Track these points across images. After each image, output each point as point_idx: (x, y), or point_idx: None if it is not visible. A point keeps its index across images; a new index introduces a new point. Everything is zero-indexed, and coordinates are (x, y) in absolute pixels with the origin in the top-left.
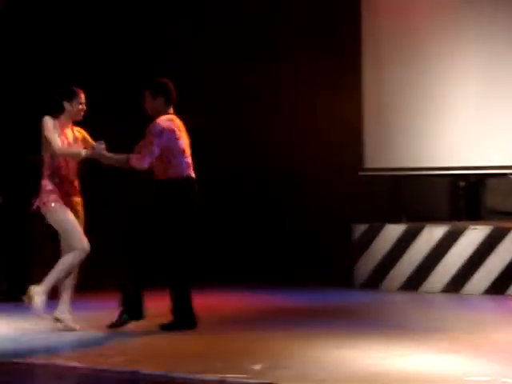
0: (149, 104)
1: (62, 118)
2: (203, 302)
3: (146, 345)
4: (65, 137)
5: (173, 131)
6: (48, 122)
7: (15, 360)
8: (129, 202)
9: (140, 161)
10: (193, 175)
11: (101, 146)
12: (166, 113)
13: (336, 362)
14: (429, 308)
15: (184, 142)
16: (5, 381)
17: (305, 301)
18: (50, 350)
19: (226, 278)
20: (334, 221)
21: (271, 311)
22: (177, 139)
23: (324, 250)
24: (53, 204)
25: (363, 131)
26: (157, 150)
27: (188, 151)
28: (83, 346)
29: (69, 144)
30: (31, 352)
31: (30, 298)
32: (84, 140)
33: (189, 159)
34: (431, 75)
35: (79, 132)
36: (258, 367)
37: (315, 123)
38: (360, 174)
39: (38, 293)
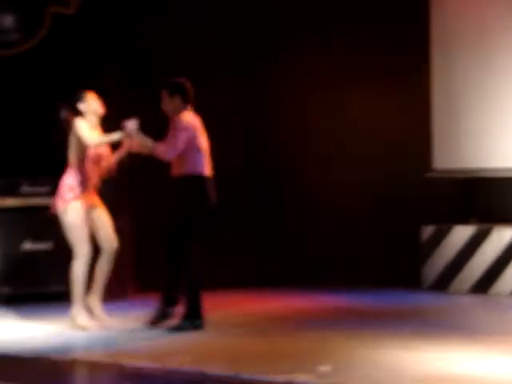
0: (166, 104)
1: (86, 120)
2: (268, 303)
3: (210, 345)
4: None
5: (194, 128)
6: (80, 122)
7: (81, 359)
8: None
9: (166, 152)
10: (207, 173)
11: (133, 124)
12: (184, 112)
13: (401, 364)
14: (498, 311)
15: (203, 140)
16: (73, 379)
17: (372, 302)
18: (115, 350)
19: (292, 279)
20: (402, 222)
21: (338, 312)
22: (197, 137)
23: (392, 251)
24: (70, 204)
25: (432, 132)
26: (181, 145)
27: (206, 150)
28: (148, 345)
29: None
30: (95, 351)
31: (76, 322)
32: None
33: (205, 157)
34: (502, 74)
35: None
36: (324, 368)
37: (383, 124)
38: (428, 175)
39: (77, 314)
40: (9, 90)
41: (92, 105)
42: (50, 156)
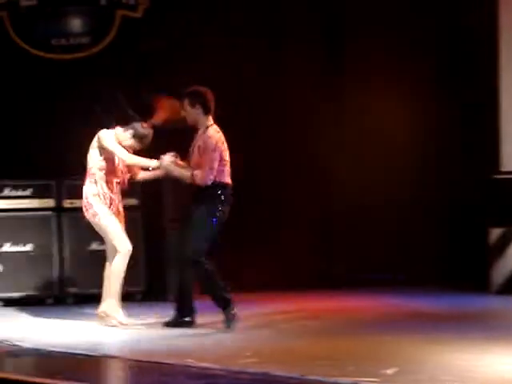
0: (188, 113)
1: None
2: (336, 305)
3: (273, 346)
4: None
5: (222, 143)
6: (106, 133)
7: (145, 359)
8: None
9: (204, 179)
10: (230, 182)
11: (168, 159)
12: (205, 122)
13: (468, 366)
14: None
15: (226, 152)
16: (138, 381)
17: (438, 305)
18: (178, 350)
19: (359, 282)
20: (469, 225)
21: (404, 315)
22: (223, 150)
23: (459, 254)
24: (100, 208)
25: (500, 134)
26: (216, 165)
27: (227, 159)
28: (211, 346)
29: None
30: (162, 351)
31: (112, 318)
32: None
33: (227, 167)
34: None
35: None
36: (390, 371)
37: (453, 126)
38: (495, 177)
39: (114, 311)
40: (78, 91)
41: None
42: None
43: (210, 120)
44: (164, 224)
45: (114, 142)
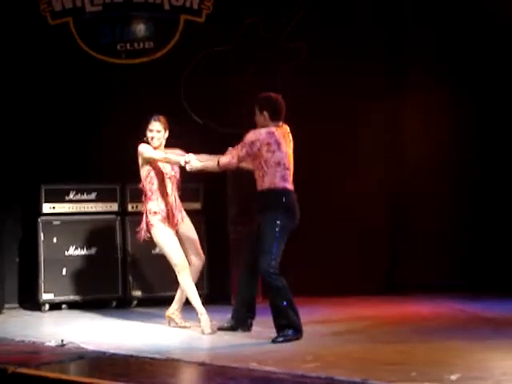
0: (257, 118)
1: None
2: (397, 310)
3: (335, 351)
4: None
5: (268, 144)
6: (143, 146)
7: (207, 362)
8: None
9: (227, 160)
10: (288, 187)
11: (190, 159)
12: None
13: None
14: None
15: (282, 154)
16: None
17: (502, 311)
18: (239, 354)
19: (422, 285)
20: None
21: (468, 321)
22: (272, 151)
23: None
24: (156, 224)
25: None
26: (244, 153)
27: (286, 164)
28: (273, 350)
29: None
30: (224, 355)
31: (175, 322)
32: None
33: (285, 172)
34: None
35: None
36: (454, 377)
37: None
38: None
39: (206, 320)
40: (140, 95)
41: (147, 135)
42: None
43: (280, 124)
44: (227, 228)
45: (150, 149)
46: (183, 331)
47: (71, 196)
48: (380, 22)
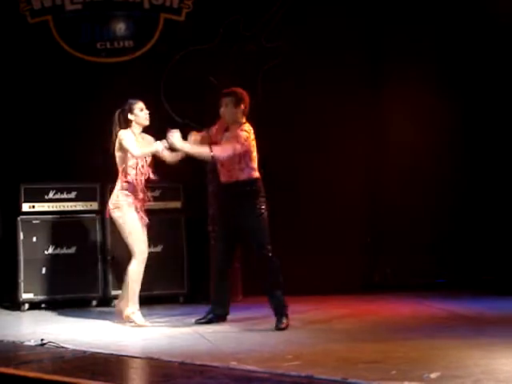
0: (229, 111)
1: (132, 130)
2: (377, 308)
3: (316, 349)
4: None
5: (253, 140)
6: (125, 133)
7: (187, 361)
8: None
9: (224, 151)
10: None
11: (173, 135)
12: (241, 121)
13: None
14: None
15: (255, 149)
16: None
17: (483, 309)
18: (220, 352)
19: (402, 285)
20: None
21: (447, 319)
22: (254, 146)
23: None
24: (123, 208)
25: None
26: (239, 149)
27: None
28: (253, 349)
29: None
30: (204, 354)
31: (130, 320)
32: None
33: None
34: None
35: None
36: (433, 376)
37: None
38: None
39: (132, 312)
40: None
41: (140, 115)
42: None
43: (245, 120)
44: (207, 227)
45: (131, 139)
46: (163, 330)
47: (51, 195)
48: (359, 22)
